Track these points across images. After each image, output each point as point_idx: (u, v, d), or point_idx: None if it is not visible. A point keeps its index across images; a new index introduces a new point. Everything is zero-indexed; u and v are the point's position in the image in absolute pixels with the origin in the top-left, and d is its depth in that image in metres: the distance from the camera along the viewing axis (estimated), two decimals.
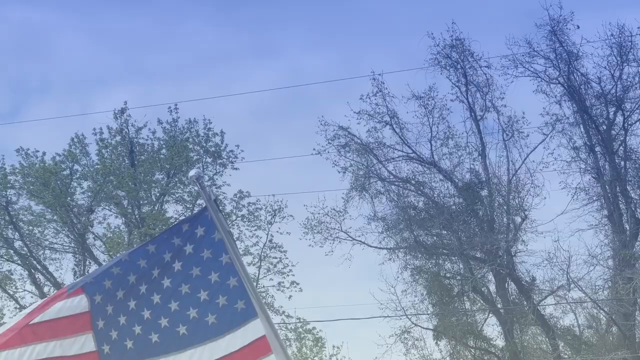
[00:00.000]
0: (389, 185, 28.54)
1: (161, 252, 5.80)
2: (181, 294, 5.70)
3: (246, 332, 5.55)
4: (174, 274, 5.73)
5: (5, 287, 29.63)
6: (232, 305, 5.58)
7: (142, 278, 5.77)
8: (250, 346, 5.51)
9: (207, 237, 5.73)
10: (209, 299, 5.64)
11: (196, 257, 5.70)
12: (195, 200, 29.05)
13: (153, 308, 5.71)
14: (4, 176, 28.71)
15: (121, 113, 28.83)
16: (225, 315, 5.60)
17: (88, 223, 29.44)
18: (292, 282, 29.14)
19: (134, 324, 5.71)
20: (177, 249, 5.75)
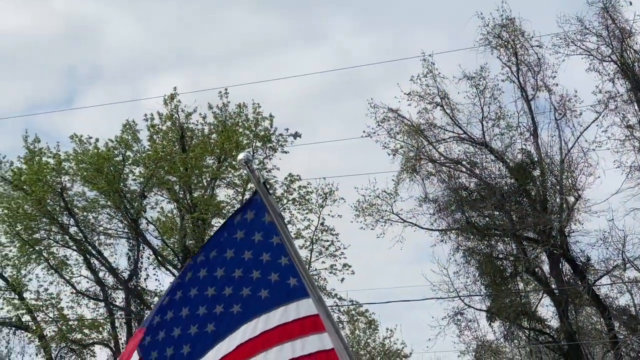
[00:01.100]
0: (440, 167, 28.74)
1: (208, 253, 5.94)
2: (234, 279, 5.79)
3: (299, 307, 5.67)
4: (226, 262, 5.82)
5: (62, 272, 30.54)
6: (284, 281, 5.70)
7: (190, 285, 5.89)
8: (303, 320, 5.63)
9: (257, 220, 5.83)
10: (261, 276, 5.75)
11: (247, 242, 5.81)
12: (246, 185, 29.64)
13: (207, 301, 5.82)
14: (59, 163, 29.43)
15: (171, 99, 29.48)
16: (278, 290, 5.70)
17: (141, 208, 30.19)
18: (344, 264, 29.62)
19: (188, 327, 5.82)
20: (226, 241, 5.87)
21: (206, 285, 5.81)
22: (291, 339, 5.65)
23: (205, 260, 5.90)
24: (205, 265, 5.87)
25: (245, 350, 5.68)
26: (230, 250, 5.82)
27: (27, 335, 30.74)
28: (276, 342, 5.64)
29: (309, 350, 5.60)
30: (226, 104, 29.46)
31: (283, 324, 5.66)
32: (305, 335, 5.63)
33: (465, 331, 29.24)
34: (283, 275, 5.70)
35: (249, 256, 5.76)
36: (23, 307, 30.12)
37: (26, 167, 29.51)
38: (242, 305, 5.74)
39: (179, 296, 5.89)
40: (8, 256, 30.51)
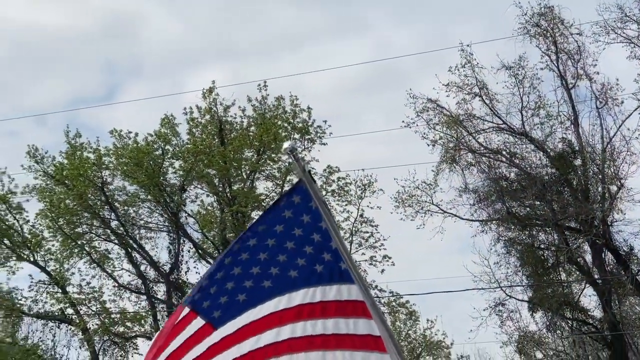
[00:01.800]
0: (479, 157, 28.92)
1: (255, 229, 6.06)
2: (287, 249, 5.93)
3: (350, 290, 5.80)
4: (276, 235, 5.96)
5: (104, 266, 31.21)
6: (336, 263, 5.84)
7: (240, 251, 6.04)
8: (354, 302, 5.76)
9: (304, 204, 5.95)
10: (314, 252, 5.88)
11: (296, 220, 5.95)
12: (285, 177, 30.07)
13: (261, 264, 5.97)
14: (99, 157, 29.95)
15: (210, 92, 29.90)
16: (331, 268, 5.84)
17: (181, 202, 30.70)
18: (384, 256, 29.79)
19: (243, 282, 5.97)
20: (274, 218, 6.00)
21: (258, 251, 5.99)
22: (345, 316, 5.79)
23: (254, 234, 6.06)
24: (254, 236, 6.04)
25: (305, 310, 5.82)
26: (280, 226, 5.98)
27: (71, 328, 31.50)
28: (332, 314, 5.79)
29: (361, 331, 5.73)
30: (265, 96, 29.87)
31: (337, 301, 5.80)
32: (357, 316, 5.77)
33: (507, 322, 29.49)
34: (335, 257, 5.88)
35: (299, 233, 5.93)
36: (66, 300, 30.79)
37: (68, 162, 30.05)
38: (298, 272, 5.89)
39: (228, 261, 6.07)
40: (51, 250, 31.30)
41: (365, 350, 5.67)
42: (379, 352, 5.63)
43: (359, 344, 5.69)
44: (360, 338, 5.70)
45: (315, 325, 5.81)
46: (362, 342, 5.69)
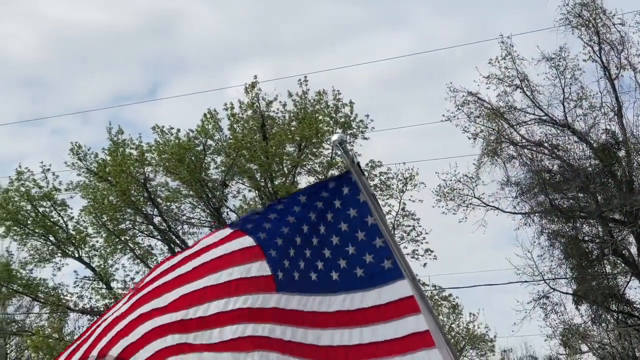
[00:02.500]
0: (521, 149, 29.09)
1: (313, 201, 5.99)
2: (332, 244, 5.89)
3: (394, 289, 5.74)
4: (327, 223, 5.93)
5: (147, 261, 31.62)
6: (378, 264, 5.78)
7: (302, 220, 5.99)
8: (397, 302, 5.70)
9: (352, 196, 5.91)
10: (356, 253, 5.82)
11: (344, 213, 5.90)
12: (327, 171, 30.50)
13: (313, 249, 5.95)
14: (142, 154, 30.53)
15: (252, 87, 30.31)
16: (372, 272, 5.79)
17: (223, 197, 31.23)
18: (426, 249, 30.07)
19: (299, 259, 5.94)
20: (327, 200, 5.96)
21: (312, 233, 5.94)
22: (384, 321, 5.74)
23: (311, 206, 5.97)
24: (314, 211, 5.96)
25: (343, 317, 5.79)
26: (330, 214, 5.93)
27: None
28: (371, 321, 5.73)
29: (402, 332, 5.67)
30: (306, 91, 30.24)
31: (377, 306, 5.76)
32: (399, 317, 5.71)
33: (552, 315, 29.69)
34: (377, 258, 5.81)
35: (345, 228, 5.88)
36: (111, 296, 31.49)
37: (110, 159, 30.67)
38: (340, 275, 5.86)
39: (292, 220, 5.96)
40: (95, 247, 31.94)
41: (407, 353, 5.63)
42: (426, 349, 5.58)
43: (400, 348, 5.65)
44: (403, 340, 5.66)
45: (352, 334, 5.77)
46: (405, 344, 5.65)
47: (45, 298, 32.41)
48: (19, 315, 35.38)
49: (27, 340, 33.13)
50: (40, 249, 32.02)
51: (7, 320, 34.92)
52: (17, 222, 31.24)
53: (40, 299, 32.75)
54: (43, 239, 31.94)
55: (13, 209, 31.08)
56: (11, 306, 35.07)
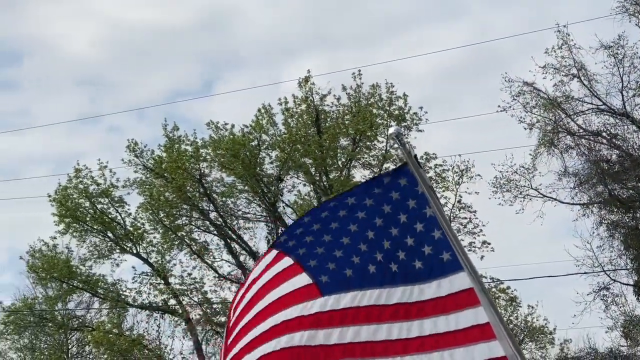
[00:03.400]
0: (579, 139, 29.05)
1: (362, 200, 6.05)
2: (391, 235, 5.93)
3: (453, 281, 5.75)
4: (384, 215, 5.97)
5: (204, 257, 32.38)
6: (437, 256, 5.80)
7: (348, 221, 6.07)
8: (457, 295, 5.73)
9: (410, 188, 5.94)
10: (414, 245, 5.86)
11: (402, 204, 5.93)
12: (382, 164, 30.79)
13: (369, 242, 5.98)
14: (197, 150, 31.14)
15: (305, 81, 30.69)
16: (431, 264, 5.81)
17: (278, 192, 31.65)
18: (483, 242, 30.27)
19: (351, 256, 5.99)
20: (381, 195, 6.01)
21: (366, 228, 6.02)
22: (445, 313, 5.75)
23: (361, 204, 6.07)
24: (363, 209, 6.05)
25: (401, 310, 5.83)
26: (387, 206, 5.99)
27: (174, 318, 32.89)
28: (430, 313, 5.75)
29: (463, 325, 5.68)
30: (360, 84, 30.48)
31: (436, 298, 5.78)
32: (459, 310, 5.72)
33: (612, 306, 29.62)
34: (436, 250, 5.84)
35: (404, 220, 5.93)
36: (169, 291, 32.17)
37: (166, 155, 31.27)
38: (399, 267, 5.90)
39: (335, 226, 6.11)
40: (152, 242, 32.64)
41: (468, 345, 5.65)
42: (486, 341, 5.59)
43: (461, 340, 5.67)
44: (464, 332, 5.67)
45: (411, 327, 5.80)
46: (465, 336, 5.67)
47: (104, 294, 33.24)
48: (80, 310, 36.31)
49: (87, 336, 33.94)
50: (99, 246, 32.80)
51: (68, 316, 35.79)
52: (76, 219, 32.01)
53: (100, 295, 33.60)
54: (102, 236, 32.71)
55: (72, 206, 31.86)
56: (72, 302, 35.97)
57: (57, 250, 33.34)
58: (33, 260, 33.26)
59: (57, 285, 33.94)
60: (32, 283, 35.77)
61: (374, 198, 6.05)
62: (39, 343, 36.71)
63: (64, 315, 35.50)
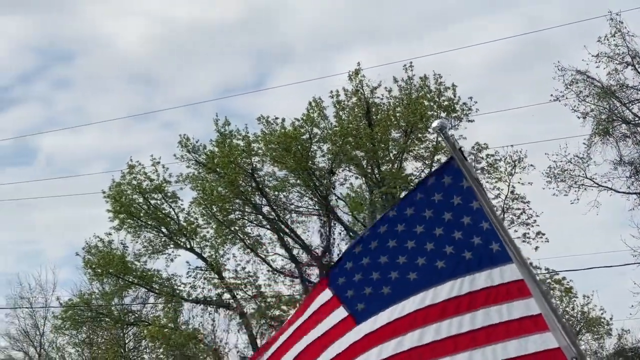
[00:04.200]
0: (634, 128, 28.93)
1: (402, 210, 6.07)
2: (435, 236, 5.91)
3: (503, 272, 5.72)
4: (425, 221, 5.94)
5: (257, 251, 32.79)
6: (487, 246, 5.78)
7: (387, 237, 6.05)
8: (508, 285, 5.70)
9: (455, 184, 5.89)
10: (463, 237, 5.83)
11: (446, 203, 5.90)
12: (433, 156, 30.89)
13: (408, 252, 5.98)
14: (248, 144, 31.46)
15: (355, 74, 30.82)
16: (481, 254, 5.79)
17: (330, 185, 31.86)
18: (537, 232, 30.18)
19: (388, 272, 5.98)
20: (422, 201, 5.98)
21: (405, 239, 5.99)
22: (497, 303, 5.71)
23: (400, 216, 6.06)
24: (402, 221, 6.02)
25: (451, 306, 5.80)
26: (429, 211, 5.95)
27: (229, 312, 33.37)
28: (482, 304, 5.71)
29: (515, 315, 5.65)
30: (411, 77, 30.60)
31: (488, 287, 5.75)
32: (510, 300, 5.69)
33: None
34: (485, 240, 5.81)
35: (449, 217, 5.90)
36: (223, 285, 32.68)
37: (218, 150, 31.65)
38: (445, 262, 5.88)
39: (375, 246, 6.08)
40: (206, 237, 33.10)
41: (521, 336, 5.62)
42: (539, 332, 5.56)
43: (513, 331, 5.63)
44: (516, 323, 5.64)
45: (462, 322, 5.76)
46: (518, 327, 5.63)
47: (159, 289, 33.84)
48: (136, 305, 36.93)
49: (144, 330, 34.62)
50: (153, 241, 33.36)
51: (125, 311, 36.46)
52: (131, 214, 32.60)
53: (155, 290, 34.19)
54: (155, 231, 33.26)
55: (126, 202, 32.45)
56: (127, 297, 36.58)
57: (113, 246, 33.99)
58: (89, 257, 33.90)
59: (113, 281, 34.58)
60: (89, 279, 36.41)
61: (415, 206, 6.05)
62: (96, 338, 37.42)
63: (120, 310, 36.16)
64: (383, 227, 6.12)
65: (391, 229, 6.08)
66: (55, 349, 38.41)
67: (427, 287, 5.90)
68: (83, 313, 35.30)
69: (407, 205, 6.11)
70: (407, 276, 5.99)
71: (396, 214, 6.12)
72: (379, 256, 6.09)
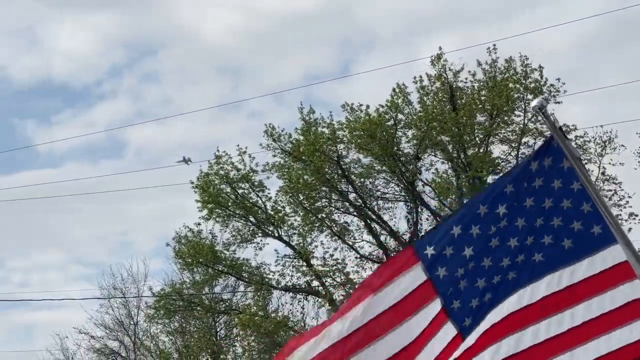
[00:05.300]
0: None
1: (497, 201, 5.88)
2: (536, 228, 5.83)
3: (605, 257, 5.64)
4: (526, 212, 5.86)
5: (345, 238, 33.17)
6: (587, 230, 5.72)
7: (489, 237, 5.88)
8: (610, 270, 5.62)
9: (556, 166, 5.83)
10: (562, 224, 5.78)
11: (547, 189, 5.84)
12: (520, 139, 30.80)
13: (511, 253, 5.82)
14: (333, 132, 31.75)
15: (438, 59, 30.81)
16: (582, 240, 5.72)
17: (416, 170, 31.98)
18: (630, 214, 30.02)
19: (492, 278, 5.83)
20: (519, 191, 5.88)
21: (508, 237, 5.87)
22: (599, 293, 5.65)
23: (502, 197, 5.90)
24: (504, 201, 5.88)
25: (549, 303, 5.72)
26: (530, 199, 5.88)
27: (318, 300, 33.88)
28: (583, 297, 5.64)
29: (619, 302, 5.60)
30: (495, 59, 30.48)
31: (589, 277, 5.69)
32: (613, 286, 5.62)
33: None
34: (586, 224, 5.75)
35: (550, 204, 5.83)
36: (311, 273, 33.12)
37: (304, 139, 31.99)
38: (544, 255, 5.80)
39: (476, 232, 5.91)
40: (293, 225, 33.54)
41: (627, 323, 5.55)
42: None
43: (618, 320, 5.57)
44: (621, 311, 5.57)
45: (562, 320, 5.66)
46: (623, 315, 5.56)
47: (249, 277, 34.48)
48: (226, 294, 37.69)
49: (234, 319, 35.33)
50: (242, 230, 33.93)
51: (215, 300, 37.25)
52: (219, 204, 33.15)
53: (245, 279, 34.83)
54: (244, 220, 33.81)
55: (214, 192, 33.04)
56: (218, 286, 37.32)
57: (202, 235, 34.66)
58: (179, 247, 34.68)
59: (203, 270, 35.29)
60: (180, 268, 37.22)
61: (516, 190, 5.92)
62: (188, 326, 38.32)
63: (211, 299, 36.95)
64: (483, 207, 5.99)
65: (495, 224, 5.92)
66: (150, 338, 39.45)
67: (523, 285, 5.83)
68: (175, 302, 36.15)
69: (507, 185, 6.01)
70: (507, 276, 5.89)
71: (498, 206, 5.96)
72: (482, 259, 5.94)
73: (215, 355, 36.73)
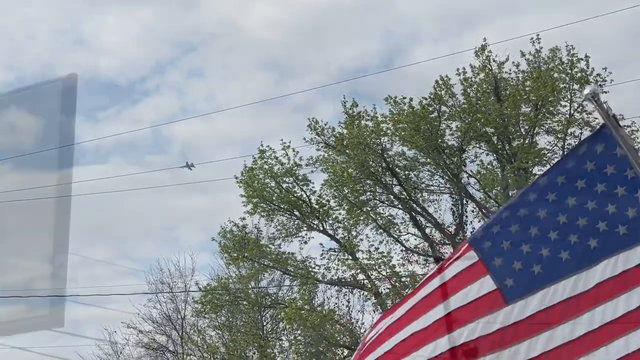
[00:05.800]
0: None
1: (553, 179, 6.14)
2: (588, 210, 5.99)
3: None
4: (577, 192, 6.03)
5: (390, 231, 33.18)
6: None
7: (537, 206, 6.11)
8: None
9: (609, 153, 6.01)
10: (617, 211, 5.93)
11: (599, 173, 6.00)
12: (566, 129, 30.63)
13: (559, 228, 6.04)
14: (377, 125, 31.86)
15: (482, 50, 30.78)
16: (637, 226, 5.88)
17: (461, 163, 31.92)
18: None
19: (539, 248, 6.05)
20: (574, 170, 6.08)
21: (557, 212, 6.05)
22: None
23: (552, 184, 6.10)
24: (553, 190, 6.09)
25: (604, 289, 5.83)
26: (582, 181, 6.03)
27: (363, 293, 33.97)
28: (637, 282, 5.74)
29: None
30: (539, 49, 30.38)
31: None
32: None
33: None
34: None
35: (602, 189, 5.97)
36: (357, 266, 33.17)
37: (347, 132, 32.19)
38: (599, 241, 5.92)
39: (524, 214, 6.16)
40: (338, 219, 33.67)
41: None
42: None
43: None
44: None
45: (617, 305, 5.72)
46: None
47: (294, 271, 34.65)
48: (272, 288, 37.92)
49: (280, 313, 35.59)
50: (287, 224, 34.15)
51: (261, 294, 37.49)
52: (264, 199, 33.42)
53: (290, 272, 35.03)
54: (288, 214, 34.01)
55: (259, 187, 33.30)
56: (264, 280, 37.56)
57: (247, 230, 34.97)
58: (225, 241, 34.99)
59: (249, 265, 35.57)
60: (226, 263, 37.50)
61: (567, 174, 6.10)
62: (235, 321, 38.59)
63: (257, 294, 37.19)
64: (533, 194, 6.16)
65: (541, 197, 6.11)
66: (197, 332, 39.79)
67: (579, 269, 5.94)
68: (222, 297, 36.44)
69: (558, 174, 6.17)
70: (559, 255, 6.02)
71: (547, 182, 6.17)
72: (529, 227, 6.14)
73: (261, 349, 36.96)
